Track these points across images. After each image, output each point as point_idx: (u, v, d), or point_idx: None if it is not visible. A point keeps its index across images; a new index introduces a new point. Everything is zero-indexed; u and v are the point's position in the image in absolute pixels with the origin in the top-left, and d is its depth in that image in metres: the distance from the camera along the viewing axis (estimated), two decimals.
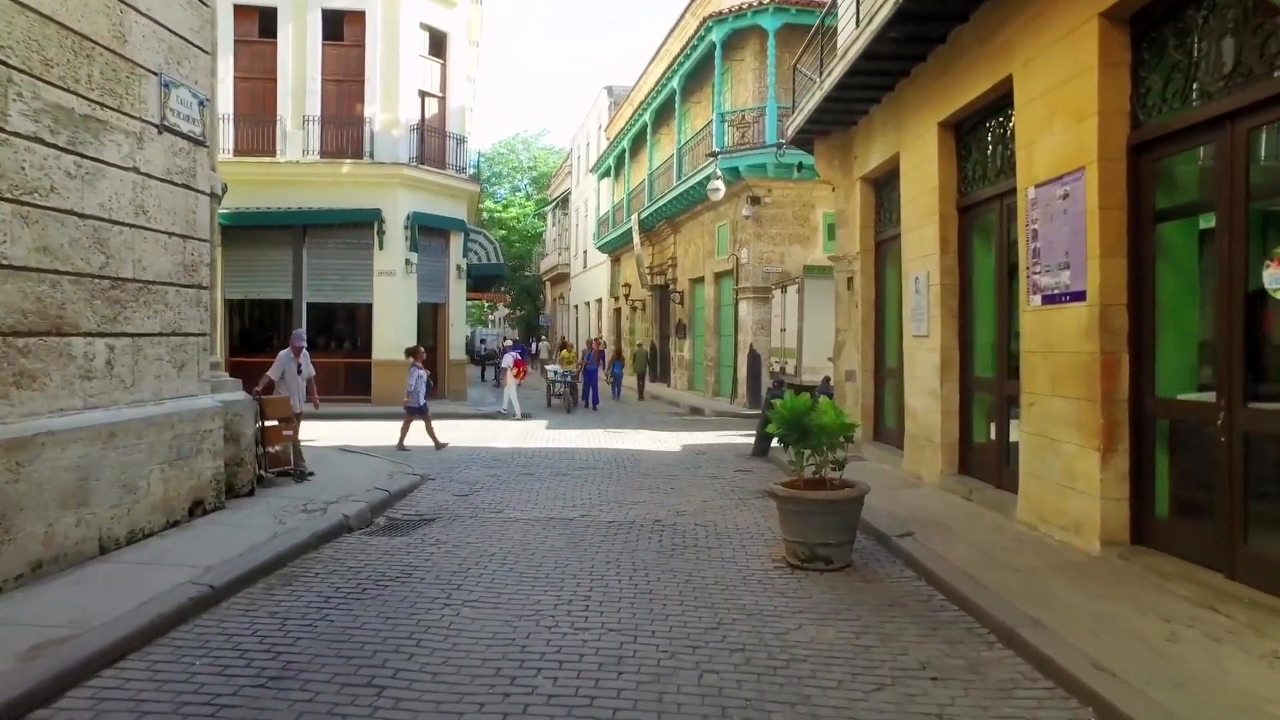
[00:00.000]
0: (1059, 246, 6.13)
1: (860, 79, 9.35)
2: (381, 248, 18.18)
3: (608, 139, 33.85)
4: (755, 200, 18.51)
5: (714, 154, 18.14)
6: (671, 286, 25.18)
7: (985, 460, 8.08)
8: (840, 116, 11.00)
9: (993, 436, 7.97)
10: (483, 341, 45.11)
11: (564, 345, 25.16)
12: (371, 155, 18.28)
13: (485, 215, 55.36)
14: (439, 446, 11.76)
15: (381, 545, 6.58)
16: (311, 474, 8.61)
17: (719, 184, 17.32)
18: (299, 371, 8.92)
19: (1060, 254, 6.11)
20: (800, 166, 16.11)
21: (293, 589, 5.34)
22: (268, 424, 8.20)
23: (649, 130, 26.41)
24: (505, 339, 48.94)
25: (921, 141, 8.85)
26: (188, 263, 6.86)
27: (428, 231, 19.14)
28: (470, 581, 5.55)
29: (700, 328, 23.21)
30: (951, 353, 8.48)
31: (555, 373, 19.84)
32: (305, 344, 9.48)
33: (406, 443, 11.76)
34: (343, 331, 20.54)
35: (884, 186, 10.92)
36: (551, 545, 6.61)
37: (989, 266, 8.14)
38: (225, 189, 9.63)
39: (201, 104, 6.93)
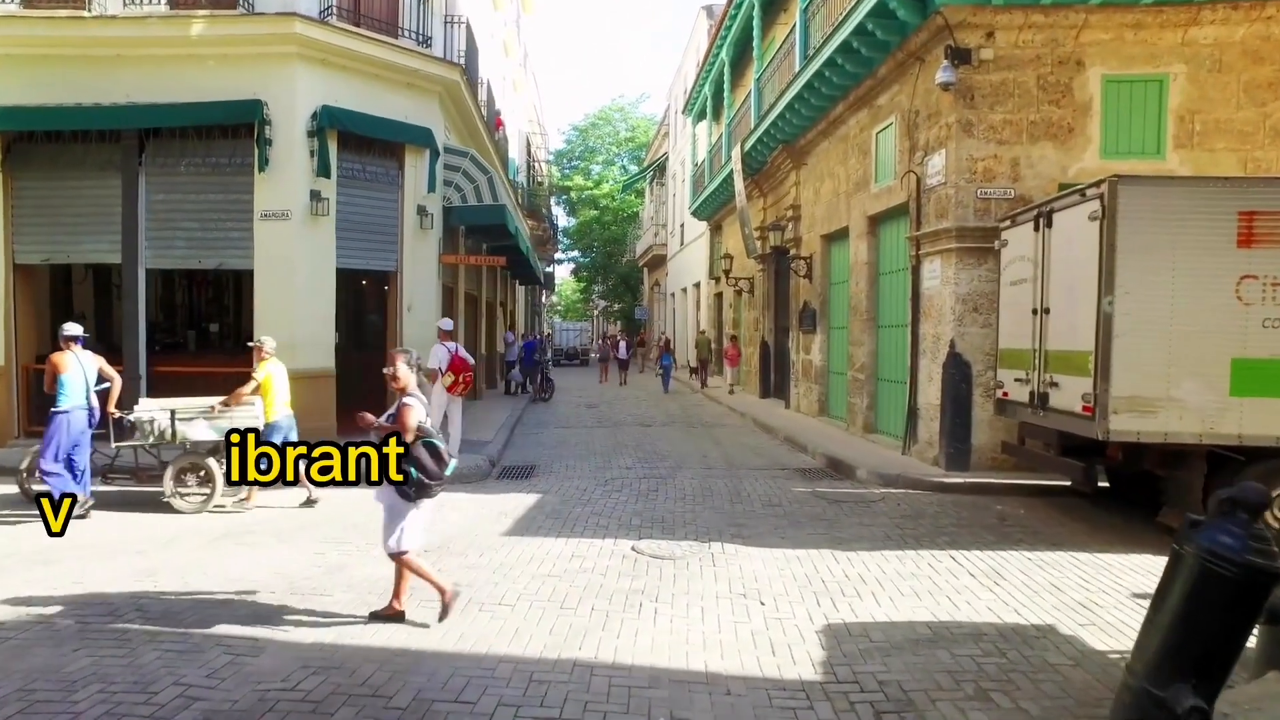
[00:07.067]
0: None
1: None
2: (263, 169, 10.15)
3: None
4: (961, 56, 9.34)
5: None
6: (792, 250, 16.14)
7: None
8: None
9: None
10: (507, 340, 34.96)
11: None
12: (250, 5, 10.32)
13: (574, 195, 47.46)
14: None
15: None
16: None
17: None
18: None
19: None
20: None
21: None
22: None
23: (756, 20, 17.46)
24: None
25: None
26: None
27: (360, 146, 10.99)
28: None
29: (840, 313, 14.07)
30: None
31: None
32: None
33: None
34: (210, 319, 12.80)
35: None
36: None
37: None
38: None
39: None
